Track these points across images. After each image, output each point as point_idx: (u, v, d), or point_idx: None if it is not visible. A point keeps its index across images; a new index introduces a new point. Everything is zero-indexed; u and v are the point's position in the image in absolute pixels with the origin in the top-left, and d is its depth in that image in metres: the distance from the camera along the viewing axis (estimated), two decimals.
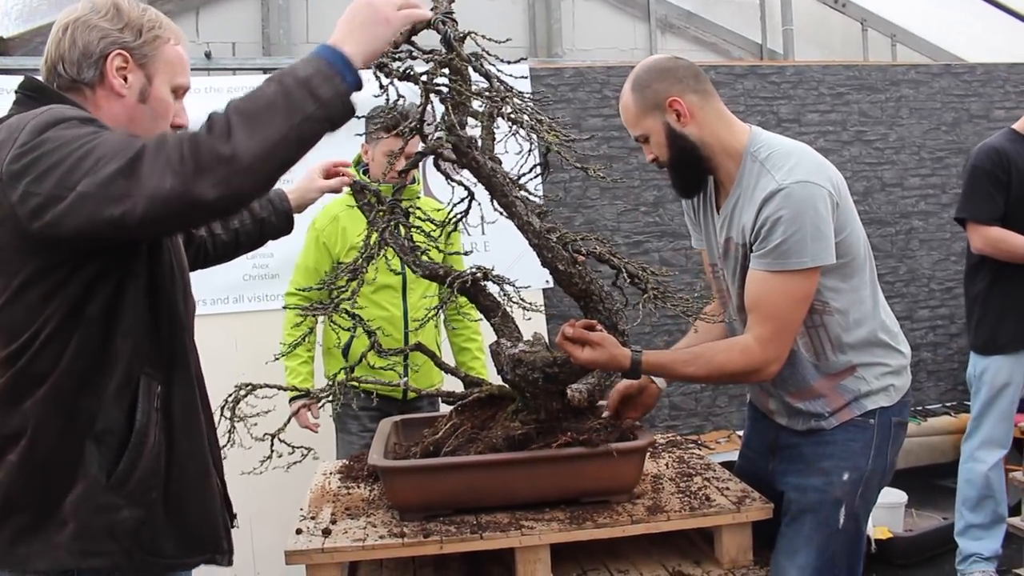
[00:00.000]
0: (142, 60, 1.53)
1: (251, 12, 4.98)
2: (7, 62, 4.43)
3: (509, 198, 1.84)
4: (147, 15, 1.55)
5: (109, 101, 1.53)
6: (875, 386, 2.01)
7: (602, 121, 4.55)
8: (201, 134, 1.29)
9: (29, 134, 1.33)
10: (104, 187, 1.26)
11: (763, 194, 1.88)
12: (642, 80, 1.99)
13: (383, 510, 2.02)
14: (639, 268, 1.91)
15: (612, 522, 1.87)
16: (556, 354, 1.92)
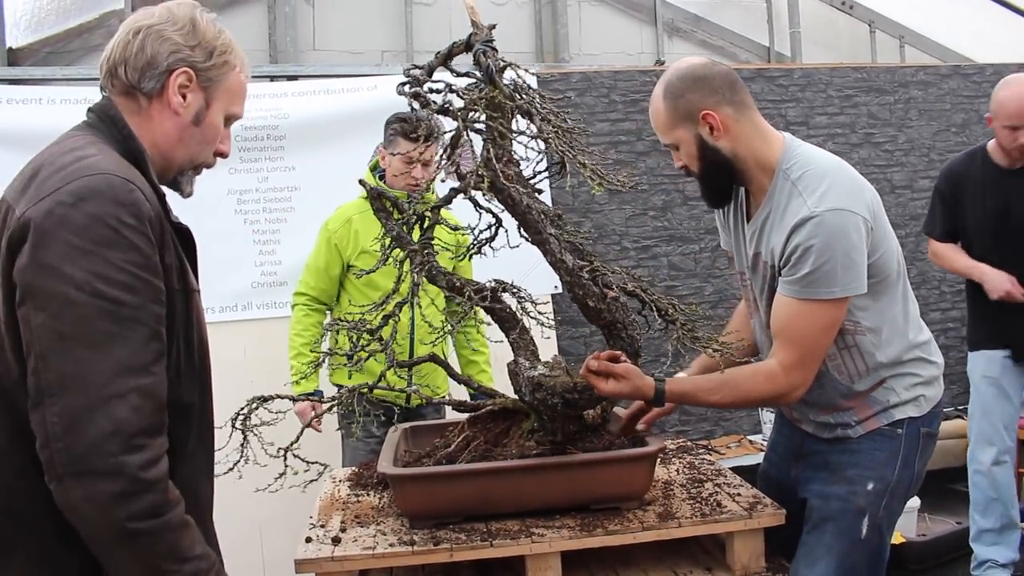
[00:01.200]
0: (206, 83, 1.47)
1: (258, 20, 5.00)
2: (16, 72, 4.46)
3: (543, 235, 1.82)
4: (221, 38, 1.49)
5: (163, 116, 1.46)
6: (904, 397, 1.98)
7: (609, 126, 4.54)
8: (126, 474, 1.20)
9: (75, 199, 1.25)
10: (57, 396, 1.21)
11: (794, 219, 1.83)
12: (675, 88, 1.92)
13: (393, 518, 2.01)
14: (669, 304, 1.88)
15: (623, 529, 1.86)
16: (576, 379, 1.90)
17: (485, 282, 1.99)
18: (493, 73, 1.68)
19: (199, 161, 1.53)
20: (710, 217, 4.61)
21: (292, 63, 4.84)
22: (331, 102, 4.27)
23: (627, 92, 4.62)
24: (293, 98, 4.26)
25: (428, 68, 1.91)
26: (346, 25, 5.11)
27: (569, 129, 1.75)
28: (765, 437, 4.31)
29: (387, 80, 4.42)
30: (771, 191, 1.92)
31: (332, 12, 5.10)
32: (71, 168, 1.30)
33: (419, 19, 5.16)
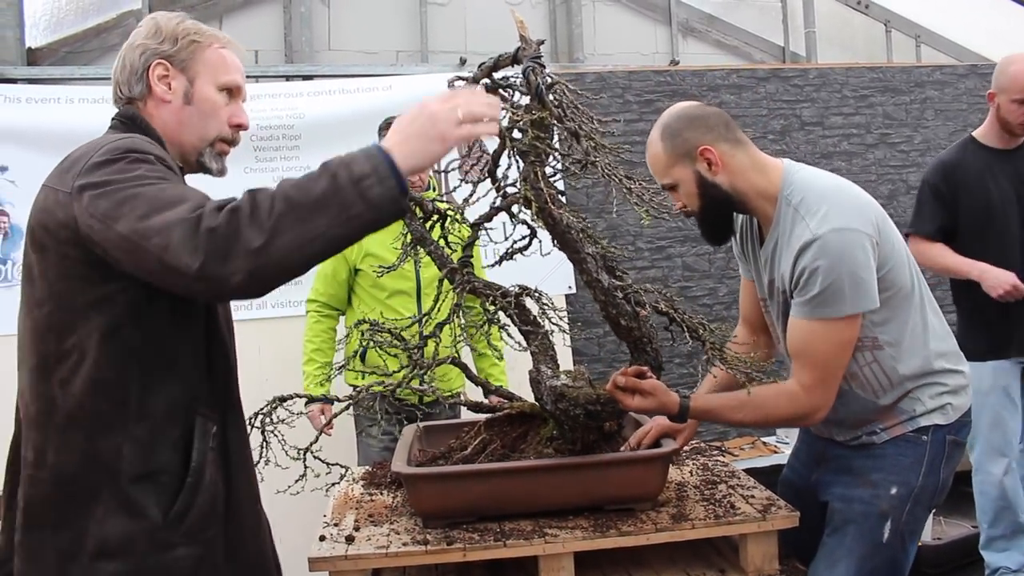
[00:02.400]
0: (181, 65, 1.60)
1: (273, 20, 5.02)
2: (35, 72, 4.49)
3: (581, 255, 1.81)
4: (183, 25, 1.62)
5: (158, 108, 1.60)
6: (930, 406, 1.98)
7: (624, 126, 4.54)
8: (242, 215, 1.27)
9: (106, 153, 1.40)
10: (143, 238, 1.30)
11: (799, 243, 1.85)
12: (672, 128, 1.97)
13: (406, 517, 2.02)
14: (699, 324, 1.88)
15: (636, 530, 1.86)
16: (599, 391, 1.91)
17: (509, 287, 1.99)
18: (543, 93, 1.66)
19: (211, 136, 1.63)
20: None
21: (307, 63, 4.85)
22: (346, 102, 4.29)
23: (641, 92, 4.62)
24: (308, 98, 4.28)
25: (473, 80, 1.89)
26: (361, 25, 5.12)
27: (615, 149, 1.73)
28: (779, 439, 4.29)
29: (402, 80, 4.43)
30: (776, 219, 1.94)
31: (347, 12, 5.11)
32: (103, 142, 1.46)
33: (434, 19, 5.17)
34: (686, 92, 4.62)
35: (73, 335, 1.41)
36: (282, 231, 1.25)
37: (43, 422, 1.43)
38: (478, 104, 1.40)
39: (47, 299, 1.43)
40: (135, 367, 1.43)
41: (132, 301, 1.42)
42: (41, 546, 1.42)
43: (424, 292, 3.17)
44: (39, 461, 1.43)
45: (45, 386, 1.43)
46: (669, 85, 4.64)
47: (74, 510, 1.41)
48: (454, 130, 1.38)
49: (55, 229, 1.40)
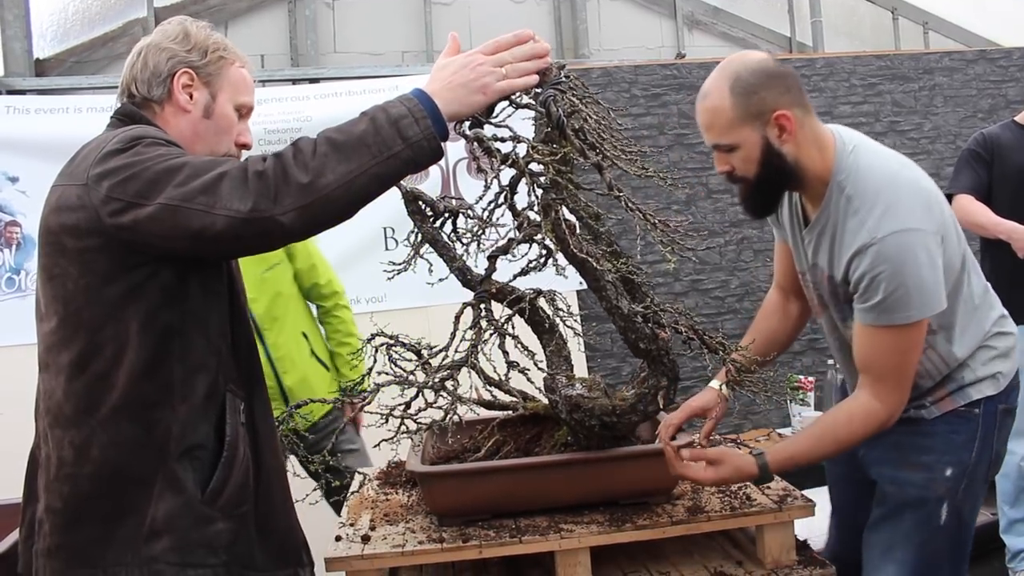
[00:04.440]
0: (207, 78, 1.61)
1: (279, 24, 5.03)
2: (43, 82, 4.52)
3: (600, 283, 1.80)
4: (213, 38, 1.64)
5: (176, 117, 1.61)
6: (981, 374, 1.88)
7: (632, 120, 4.53)
8: (286, 158, 1.32)
9: (119, 142, 1.42)
10: (187, 200, 1.32)
11: (854, 243, 1.74)
12: (747, 84, 1.75)
13: (422, 515, 2.02)
14: (719, 344, 1.86)
15: (652, 524, 1.85)
16: (615, 403, 1.89)
17: (525, 290, 1.96)
18: (564, 125, 1.60)
19: (219, 152, 1.63)
20: (735, 210, 4.59)
21: (313, 66, 4.87)
22: (352, 104, 4.29)
23: (648, 86, 4.60)
24: (315, 101, 4.29)
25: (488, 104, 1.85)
26: (366, 27, 5.13)
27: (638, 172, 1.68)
28: (794, 430, 4.27)
29: (407, 80, 4.43)
30: (826, 203, 1.82)
31: (352, 14, 5.12)
32: (111, 135, 1.47)
33: (438, 19, 5.18)
34: (693, 85, 4.60)
35: (106, 328, 1.42)
36: (327, 169, 1.31)
37: (81, 419, 1.43)
38: (522, 58, 1.47)
39: (73, 296, 1.43)
40: (177, 349, 1.46)
41: (164, 285, 1.44)
42: (96, 542, 1.42)
43: (264, 329, 2.97)
44: (80, 458, 1.43)
45: (80, 383, 1.44)
46: (676, 78, 4.63)
47: (133, 497, 1.43)
48: (496, 83, 1.44)
49: (73, 224, 1.41)
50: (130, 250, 1.40)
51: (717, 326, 4.53)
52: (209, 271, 1.52)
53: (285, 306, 3.06)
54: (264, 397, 1.66)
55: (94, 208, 1.38)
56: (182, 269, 1.45)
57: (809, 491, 3.78)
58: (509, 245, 1.83)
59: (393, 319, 3.70)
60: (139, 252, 1.40)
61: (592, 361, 4.35)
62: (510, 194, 1.70)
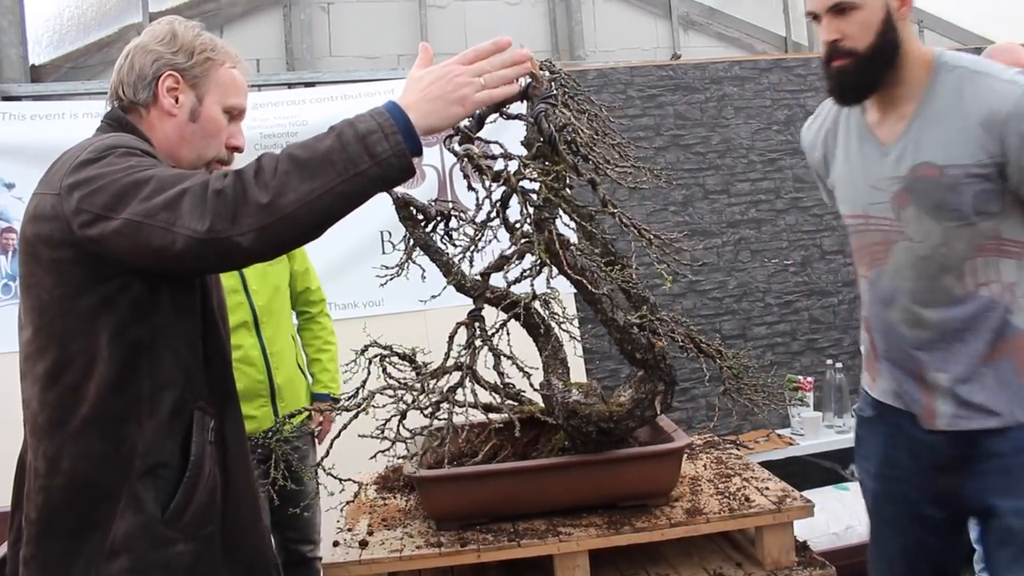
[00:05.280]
0: (193, 80, 1.57)
1: (274, 28, 5.03)
2: (39, 88, 4.52)
3: (595, 295, 1.80)
4: (200, 39, 1.59)
5: (162, 120, 1.58)
6: None
7: (628, 121, 4.52)
8: (246, 177, 1.29)
9: (92, 151, 1.40)
10: (149, 216, 1.30)
11: (988, 100, 1.61)
12: None
13: (420, 520, 2.02)
14: (715, 351, 1.85)
15: (651, 526, 1.85)
16: (613, 408, 1.89)
17: (520, 294, 1.94)
18: (556, 141, 1.59)
19: (208, 156, 1.60)
20: (732, 211, 4.59)
21: (309, 70, 4.86)
22: (349, 107, 4.26)
23: (644, 88, 4.60)
24: (311, 105, 4.28)
25: (478, 119, 1.81)
26: (361, 30, 5.13)
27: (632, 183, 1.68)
28: (793, 431, 4.27)
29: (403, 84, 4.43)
30: (929, 88, 1.69)
31: (347, 18, 5.12)
32: (87, 143, 1.46)
33: (433, 22, 5.18)
34: (688, 86, 4.60)
35: (78, 340, 1.41)
36: (288, 188, 1.26)
37: (54, 430, 1.42)
38: (501, 66, 1.42)
39: (48, 307, 1.42)
40: (145, 364, 1.44)
41: (134, 299, 1.42)
42: (64, 555, 1.42)
43: (262, 322, 3.00)
44: (52, 469, 1.42)
45: (53, 394, 1.43)
46: (671, 79, 4.63)
47: (99, 512, 1.42)
48: (475, 94, 1.39)
49: (47, 234, 1.40)
50: (101, 262, 1.38)
51: (716, 327, 4.53)
52: (182, 286, 1.50)
53: (282, 303, 3.10)
54: (237, 416, 1.63)
55: (66, 219, 1.37)
56: (153, 283, 1.42)
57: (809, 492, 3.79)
58: (503, 262, 1.81)
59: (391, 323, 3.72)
60: (110, 265, 1.38)
61: (591, 363, 4.34)
62: (502, 210, 1.69)
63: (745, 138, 4.65)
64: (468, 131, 1.53)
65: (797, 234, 4.65)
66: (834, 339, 4.65)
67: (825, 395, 4.35)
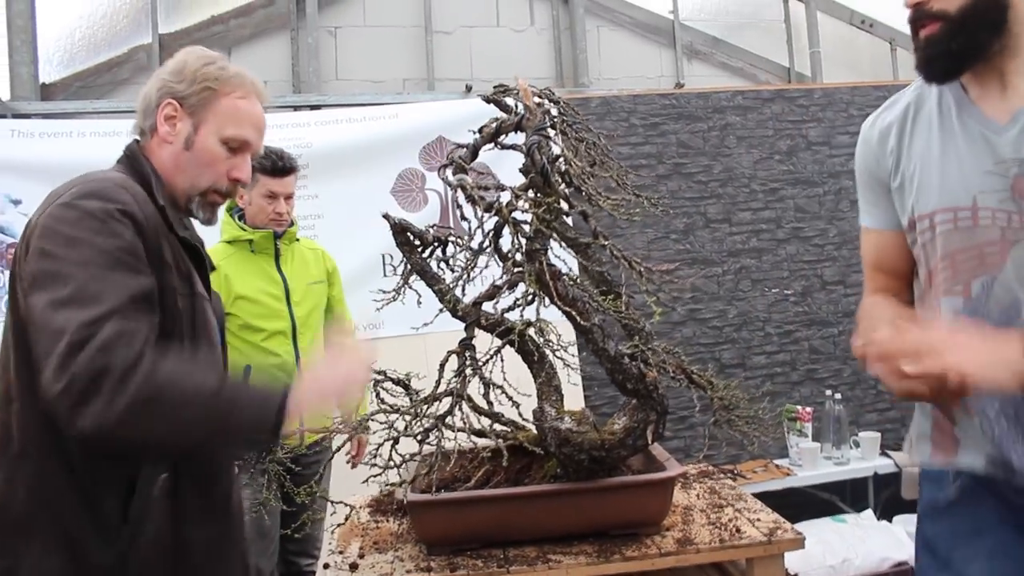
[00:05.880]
0: (191, 109, 1.59)
1: (282, 51, 5.08)
2: (49, 107, 4.56)
3: (588, 325, 1.81)
4: (207, 69, 1.61)
5: (160, 147, 1.61)
6: None
7: (630, 149, 4.56)
8: (112, 375, 1.27)
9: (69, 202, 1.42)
10: (42, 324, 1.32)
11: None
12: None
13: (411, 544, 2.02)
14: (706, 382, 1.86)
15: (641, 555, 1.85)
16: (605, 436, 1.90)
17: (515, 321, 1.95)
18: (548, 173, 1.61)
19: (202, 186, 1.61)
20: (733, 239, 4.61)
21: (315, 93, 4.90)
22: (353, 131, 4.33)
23: (647, 116, 4.63)
24: (316, 127, 4.32)
25: (472, 148, 1.85)
26: (368, 54, 5.18)
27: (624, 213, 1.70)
28: (792, 462, 4.26)
29: (407, 108, 4.47)
30: None
31: (354, 42, 5.17)
32: (78, 181, 1.48)
33: (439, 48, 5.22)
34: (691, 114, 4.64)
35: (29, 367, 1.39)
36: (132, 415, 1.28)
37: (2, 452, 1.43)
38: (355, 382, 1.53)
39: (10, 328, 1.45)
40: None
41: None
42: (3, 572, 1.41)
43: (299, 331, 3.11)
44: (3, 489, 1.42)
45: (4, 415, 1.43)
46: (674, 108, 4.66)
47: (11, 542, 1.39)
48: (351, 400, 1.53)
49: (19, 258, 1.44)
50: None
51: (715, 355, 4.53)
52: None
53: (318, 320, 3.23)
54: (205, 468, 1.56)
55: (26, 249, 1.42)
56: None
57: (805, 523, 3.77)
58: (495, 292, 1.83)
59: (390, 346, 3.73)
60: None
61: (589, 390, 4.35)
62: (495, 240, 1.70)
63: (747, 167, 4.68)
64: (463, 161, 1.54)
65: (798, 264, 4.66)
66: (834, 369, 4.65)
67: (824, 426, 4.34)
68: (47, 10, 4.76)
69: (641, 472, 2.08)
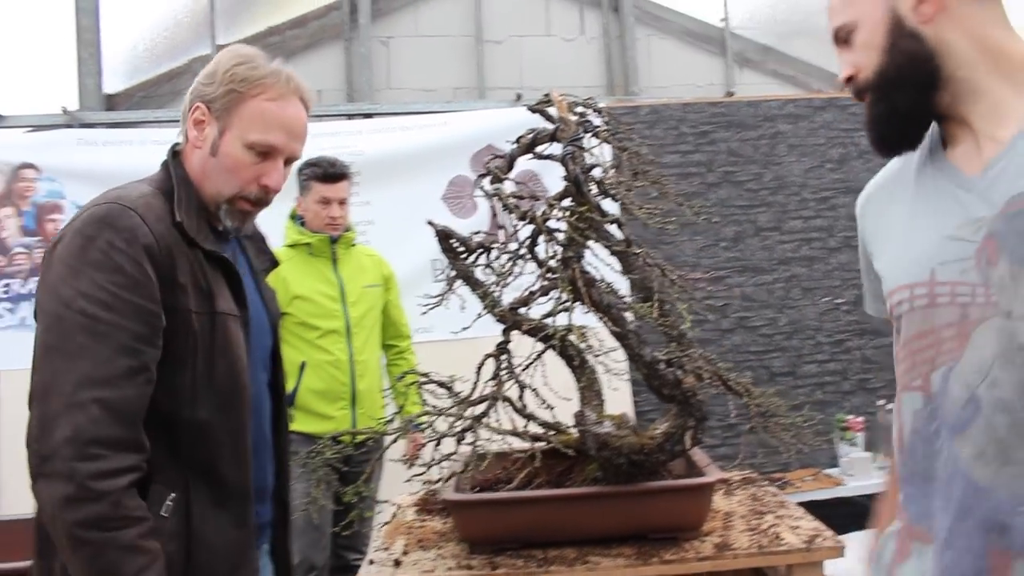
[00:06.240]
0: (218, 113, 1.52)
1: (335, 61, 5.19)
2: (113, 116, 4.73)
3: (623, 330, 1.83)
4: (236, 69, 1.52)
5: (192, 152, 1.56)
6: None
7: (679, 158, 4.56)
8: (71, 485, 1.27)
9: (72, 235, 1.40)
10: (43, 390, 1.33)
11: None
12: None
13: (454, 543, 2.06)
14: (743, 389, 1.87)
15: (679, 559, 1.86)
16: (644, 440, 1.92)
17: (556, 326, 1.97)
18: (581, 183, 1.63)
19: (226, 194, 1.54)
20: (783, 247, 4.58)
21: (367, 102, 5.00)
22: (405, 139, 4.42)
23: (697, 124, 4.63)
24: (369, 135, 4.41)
25: (509, 159, 1.86)
26: (419, 64, 5.26)
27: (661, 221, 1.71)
28: (842, 471, 4.21)
29: (458, 116, 4.54)
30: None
31: (406, 52, 5.26)
32: (100, 198, 1.45)
33: (490, 57, 5.29)
34: (742, 122, 4.62)
35: None
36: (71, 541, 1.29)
37: None
38: None
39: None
40: None
41: None
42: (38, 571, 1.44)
43: (353, 331, 3.24)
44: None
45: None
46: (724, 116, 4.65)
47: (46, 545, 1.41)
48: None
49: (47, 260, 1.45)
50: None
51: (765, 363, 4.50)
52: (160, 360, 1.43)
53: (374, 321, 3.35)
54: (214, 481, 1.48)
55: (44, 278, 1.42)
56: None
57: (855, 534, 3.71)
58: (530, 298, 1.86)
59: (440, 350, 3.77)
60: None
61: (638, 395, 4.35)
62: (531, 247, 1.74)
63: (798, 176, 4.65)
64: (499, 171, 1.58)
65: (849, 273, 4.61)
66: (887, 379, 4.58)
67: (876, 436, 4.29)
68: (112, 23, 4.94)
69: (682, 477, 2.10)
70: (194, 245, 1.48)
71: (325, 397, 3.15)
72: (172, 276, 1.42)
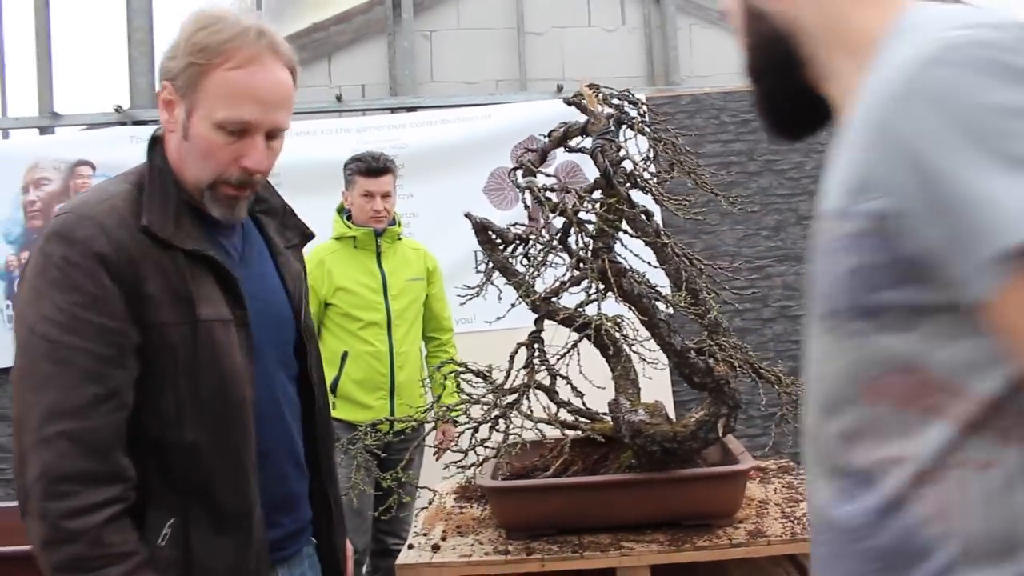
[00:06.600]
0: (183, 91, 1.31)
1: (379, 56, 5.26)
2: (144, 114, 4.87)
3: (653, 320, 1.87)
4: (196, 37, 1.29)
5: (168, 137, 1.37)
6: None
7: (720, 147, 4.55)
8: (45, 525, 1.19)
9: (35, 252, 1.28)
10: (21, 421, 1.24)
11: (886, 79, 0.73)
12: None
13: (491, 529, 2.11)
14: (774, 377, 1.89)
15: (712, 545, 1.89)
16: (677, 428, 1.95)
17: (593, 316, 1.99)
18: (611, 176, 1.66)
19: (205, 180, 1.34)
20: None
21: (410, 95, 5.06)
22: (447, 131, 4.47)
23: (738, 112, 4.61)
24: (411, 129, 4.47)
25: (541, 152, 1.90)
26: (461, 57, 5.32)
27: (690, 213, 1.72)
28: None
29: (500, 109, 4.58)
30: None
31: (448, 45, 5.31)
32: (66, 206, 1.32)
33: (531, 49, 5.32)
34: None
35: None
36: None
37: None
38: None
39: None
40: None
41: None
42: None
43: (394, 323, 3.29)
44: None
45: None
46: None
47: None
48: None
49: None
50: None
51: None
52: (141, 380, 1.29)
53: (416, 313, 3.41)
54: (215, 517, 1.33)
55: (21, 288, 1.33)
56: None
57: None
58: (560, 288, 1.90)
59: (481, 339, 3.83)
60: None
61: (677, 385, 4.36)
62: (564, 238, 1.78)
63: None
64: (531, 164, 1.62)
65: None
66: None
67: None
68: (163, 22, 5.07)
69: (716, 465, 2.13)
70: (169, 247, 1.30)
71: (364, 387, 3.22)
72: (136, 287, 1.26)
